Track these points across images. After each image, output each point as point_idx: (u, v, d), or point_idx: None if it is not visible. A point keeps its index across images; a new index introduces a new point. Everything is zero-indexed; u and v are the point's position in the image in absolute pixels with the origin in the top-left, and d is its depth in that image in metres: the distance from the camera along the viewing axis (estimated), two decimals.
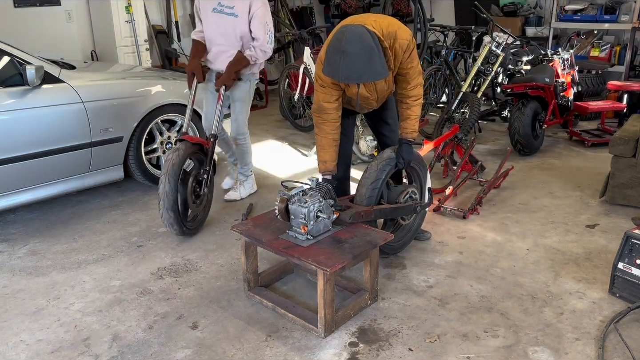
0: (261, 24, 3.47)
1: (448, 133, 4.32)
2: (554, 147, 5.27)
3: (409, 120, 2.90)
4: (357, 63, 2.44)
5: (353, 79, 2.49)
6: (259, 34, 3.48)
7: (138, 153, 3.96)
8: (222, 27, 3.50)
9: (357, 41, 2.44)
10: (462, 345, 2.35)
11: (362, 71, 2.46)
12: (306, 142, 5.56)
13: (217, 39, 3.55)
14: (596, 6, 6.79)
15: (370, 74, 2.49)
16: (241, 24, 3.47)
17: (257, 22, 3.46)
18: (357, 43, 2.44)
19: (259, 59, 3.56)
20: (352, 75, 2.47)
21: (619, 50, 6.77)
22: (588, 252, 3.16)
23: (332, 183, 2.83)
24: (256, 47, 3.51)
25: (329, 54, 2.53)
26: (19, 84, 3.33)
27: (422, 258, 3.12)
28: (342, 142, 3.00)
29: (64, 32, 5.95)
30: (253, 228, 2.64)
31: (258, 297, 2.68)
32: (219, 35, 3.53)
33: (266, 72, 7.34)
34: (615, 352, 2.28)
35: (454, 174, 4.10)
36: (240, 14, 3.45)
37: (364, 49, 2.44)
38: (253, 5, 3.44)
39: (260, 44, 3.50)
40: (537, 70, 5.14)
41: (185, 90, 4.22)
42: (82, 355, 2.32)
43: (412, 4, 7.73)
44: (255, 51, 3.51)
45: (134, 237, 3.44)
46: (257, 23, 3.47)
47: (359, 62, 2.44)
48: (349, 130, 3.14)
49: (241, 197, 4.01)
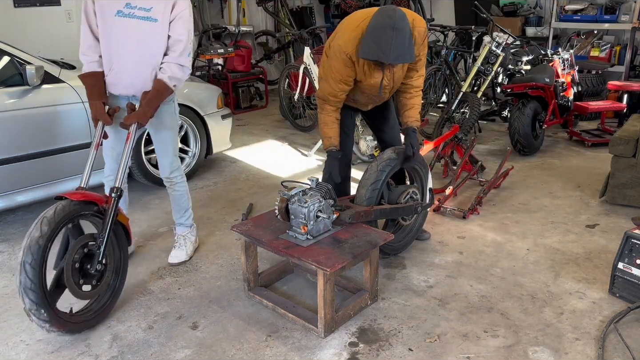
0: (185, 29, 2.65)
1: (448, 133, 4.32)
2: (554, 147, 5.27)
3: (412, 109, 2.94)
4: (404, 42, 2.48)
5: (400, 59, 2.52)
6: (178, 44, 2.64)
7: (138, 153, 3.96)
8: (133, 37, 2.61)
9: (405, 21, 2.49)
10: (462, 345, 2.35)
11: (406, 50, 2.51)
12: (306, 142, 5.56)
13: (123, 53, 2.64)
14: (596, 6, 6.79)
15: (409, 55, 2.55)
16: (161, 32, 2.63)
17: (181, 27, 2.63)
18: (406, 22, 2.49)
19: (181, 81, 2.72)
20: (400, 54, 2.49)
21: (619, 50, 6.77)
22: (588, 252, 3.16)
23: (338, 155, 2.87)
24: (170, 63, 2.65)
25: (375, 33, 2.49)
26: (19, 84, 3.33)
27: (422, 258, 3.12)
28: (343, 142, 3.00)
29: (64, 32, 5.94)
30: (253, 228, 2.64)
31: (258, 297, 2.68)
32: (126, 48, 2.63)
33: (266, 72, 7.34)
34: (615, 352, 2.28)
35: (454, 174, 4.10)
36: (160, 18, 2.60)
37: (409, 29, 2.51)
38: (178, 5, 2.61)
39: (177, 55, 2.65)
40: (537, 70, 5.14)
41: (186, 90, 4.23)
42: (82, 355, 2.32)
43: (412, 4, 7.73)
44: (172, 70, 2.65)
45: (134, 237, 3.43)
46: (182, 27, 2.64)
47: (405, 41, 2.48)
48: (349, 130, 3.14)
49: (189, 255, 3.14)
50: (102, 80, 2.69)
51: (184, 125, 4.28)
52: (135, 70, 2.66)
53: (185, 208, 3.14)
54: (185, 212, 3.15)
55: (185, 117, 4.23)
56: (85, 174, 2.57)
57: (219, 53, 6.49)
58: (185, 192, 3.12)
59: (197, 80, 4.71)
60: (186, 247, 3.14)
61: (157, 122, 2.85)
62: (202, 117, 4.35)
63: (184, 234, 3.17)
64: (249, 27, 8.11)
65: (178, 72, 2.67)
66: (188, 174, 4.38)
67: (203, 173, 4.64)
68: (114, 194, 2.50)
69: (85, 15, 2.64)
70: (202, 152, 4.41)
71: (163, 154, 2.97)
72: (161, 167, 3.02)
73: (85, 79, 2.69)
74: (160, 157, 2.99)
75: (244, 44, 7.15)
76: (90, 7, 2.62)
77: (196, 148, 4.38)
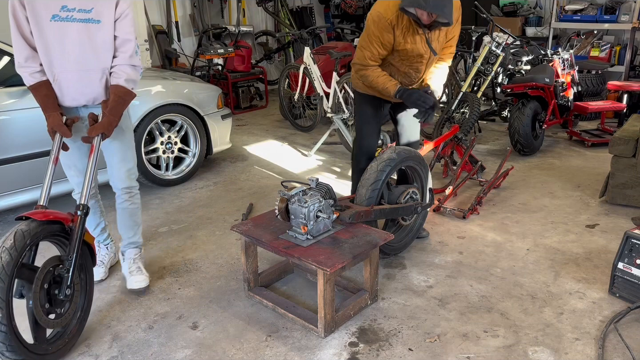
0: (133, 28, 2.48)
1: (448, 133, 4.32)
2: (554, 147, 5.27)
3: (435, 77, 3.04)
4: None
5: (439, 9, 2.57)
6: (128, 44, 2.47)
7: (138, 153, 3.96)
8: (74, 42, 2.38)
9: None
10: (462, 345, 2.35)
11: (445, 4, 2.57)
12: (306, 142, 5.56)
13: (65, 61, 2.39)
14: (596, 6, 6.79)
15: (448, 11, 2.61)
16: (106, 33, 2.43)
17: (128, 25, 2.46)
18: None
19: (137, 83, 2.55)
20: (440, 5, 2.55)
21: (619, 50, 6.77)
22: (588, 252, 3.16)
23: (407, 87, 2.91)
24: (123, 65, 2.47)
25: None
26: (19, 84, 3.33)
27: (422, 258, 3.12)
28: (369, 134, 3.11)
29: None
30: (253, 228, 2.65)
31: (258, 297, 2.68)
32: (68, 55, 2.39)
33: (266, 72, 7.34)
34: (615, 352, 2.28)
35: (454, 174, 4.10)
36: (103, 18, 2.40)
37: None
38: (122, 2, 2.42)
39: (128, 56, 2.47)
40: (537, 70, 5.14)
41: (186, 90, 4.23)
42: (82, 355, 2.32)
43: None
44: (126, 72, 2.47)
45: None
46: (129, 26, 2.46)
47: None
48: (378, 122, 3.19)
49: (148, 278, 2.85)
50: (51, 89, 2.44)
51: (184, 125, 4.29)
52: (83, 78, 2.45)
53: (139, 223, 2.88)
54: (138, 229, 2.88)
55: (185, 117, 4.23)
56: (44, 190, 2.31)
57: (219, 53, 6.49)
58: (139, 207, 2.85)
59: (197, 80, 4.71)
60: (143, 268, 2.84)
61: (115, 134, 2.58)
62: (202, 117, 4.35)
63: (135, 256, 2.85)
64: (249, 27, 8.11)
65: (133, 74, 2.50)
66: (188, 174, 4.40)
67: (203, 173, 4.64)
68: (80, 212, 2.29)
69: (15, 22, 2.31)
70: (202, 152, 4.42)
71: (123, 161, 2.70)
72: (119, 177, 2.72)
73: (37, 90, 2.41)
74: (120, 165, 2.70)
75: (244, 44, 7.15)
76: (20, 12, 2.30)
77: (196, 148, 4.39)
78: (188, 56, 7.22)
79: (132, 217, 2.81)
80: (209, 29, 7.27)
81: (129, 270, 2.82)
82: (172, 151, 4.26)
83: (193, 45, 7.48)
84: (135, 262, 2.83)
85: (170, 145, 4.23)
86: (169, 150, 4.23)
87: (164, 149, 4.20)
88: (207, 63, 6.72)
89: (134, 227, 2.84)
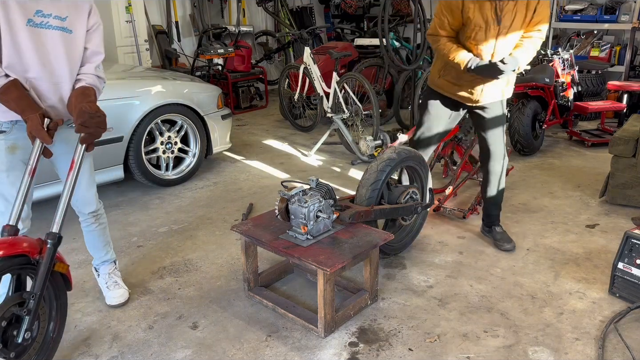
0: (101, 39, 2.36)
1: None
2: (554, 147, 5.27)
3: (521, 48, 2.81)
4: None
5: None
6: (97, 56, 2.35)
7: (138, 153, 3.96)
8: (48, 51, 2.20)
9: None
10: (462, 345, 2.35)
11: None
12: (306, 142, 5.56)
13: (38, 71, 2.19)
14: (596, 6, 6.79)
15: None
16: (78, 45, 2.28)
17: (98, 38, 2.34)
18: None
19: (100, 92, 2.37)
20: None
21: (619, 50, 6.77)
22: (588, 252, 3.16)
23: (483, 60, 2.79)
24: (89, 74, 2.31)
25: None
26: None
27: (422, 258, 3.12)
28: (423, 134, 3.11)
29: None
30: (253, 228, 2.65)
31: (258, 297, 2.68)
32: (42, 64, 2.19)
33: (266, 72, 7.35)
34: (615, 352, 2.28)
35: (454, 174, 4.10)
36: (75, 29, 2.24)
37: None
38: (93, 14, 2.29)
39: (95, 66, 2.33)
40: (537, 70, 5.14)
41: (186, 90, 4.23)
42: (82, 355, 2.32)
43: (412, 4, 7.73)
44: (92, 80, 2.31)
45: (134, 237, 3.44)
46: (99, 39, 2.35)
47: None
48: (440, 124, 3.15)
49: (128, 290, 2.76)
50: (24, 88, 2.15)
51: (184, 125, 4.29)
52: (56, 91, 2.25)
53: (109, 240, 2.75)
54: (110, 246, 2.75)
55: (185, 117, 4.23)
56: (15, 207, 2.07)
57: (219, 53, 6.49)
58: (106, 223, 2.71)
59: (197, 80, 4.71)
60: (120, 281, 2.75)
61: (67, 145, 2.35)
62: (202, 117, 4.35)
63: (111, 271, 2.75)
64: (249, 27, 8.12)
65: (98, 84, 2.34)
66: (188, 174, 4.40)
67: (203, 173, 4.64)
68: (50, 241, 2.01)
69: None
70: (202, 152, 4.42)
71: (89, 185, 2.52)
72: (88, 201, 2.54)
73: (7, 94, 2.09)
74: (89, 188, 2.52)
75: (244, 44, 7.16)
76: None
77: (196, 148, 4.39)
78: (188, 56, 7.23)
79: (101, 237, 2.69)
80: (209, 29, 7.28)
81: (106, 285, 2.71)
82: (172, 151, 4.26)
83: (193, 45, 7.48)
84: (111, 277, 2.74)
85: (170, 145, 4.23)
86: (169, 150, 4.23)
87: (164, 149, 4.20)
88: (207, 63, 6.72)
89: (105, 246, 2.73)
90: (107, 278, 2.73)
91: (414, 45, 5.46)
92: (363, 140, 4.79)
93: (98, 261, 2.75)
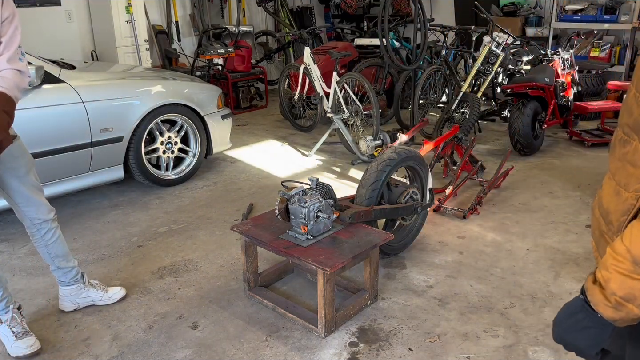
0: (17, 30, 2.10)
1: (448, 133, 4.32)
2: (554, 147, 5.27)
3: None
4: None
5: None
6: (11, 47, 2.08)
7: (138, 153, 3.96)
8: None
9: None
10: (462, 345, 2.35)
11: None
12: (306, 142, 5.56)
13: None
14: (596, 6, 6.79)
15: None
16: None
17: (13, 28, 2.09)
18: None
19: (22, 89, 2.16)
20: None
21: (619, 50, 6.77)
22: (588, 252, 3.16)
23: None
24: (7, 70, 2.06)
25: None
26: None
27: (422, 258, 3.12)
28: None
29: (64, 32, 5.95)
30: (253, 228, 2.65)
31: (258, 297, 2.68)
32: None
33: (266, 72, 7.34)
34: None
35: (454, 174, 4.10)
36: None
37: None
38: (7, 6, 2.07)
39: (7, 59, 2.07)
40: (537, 70, 5.14)
41: (186, 90, 4.23)
42: (82, 355, 2.32)
43: (412, 4, 7.73)
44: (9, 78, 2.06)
45: (134, 237, 3.44)
46: (15, 29, 2.09)
47: None
48: None
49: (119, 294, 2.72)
50: None
51: (184, 125, 4.29)
52: None
53: (66, 249, 2.55)
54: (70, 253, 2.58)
55: (186, 117, 4.23)
56: None
57: (219, 53, 6.49)
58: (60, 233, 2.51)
59: (197, 80, 4.71)
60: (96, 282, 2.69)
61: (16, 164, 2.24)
62: (202, 117, 4.35)
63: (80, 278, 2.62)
64: (249, 27, 8.11)
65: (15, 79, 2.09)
66: (188, 174, 4.40)
67: (203, 173, 4.64)
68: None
69: None
70: (202, 152, 4.42)
71: (39, 193, 2.37)
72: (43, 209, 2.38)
73: None
74: (39, 194, 2.38)
75: (244, 44, 7.15)
76: None
77: (196, 148, 4.38)
78: (188, 56, 7.23)
79: (63, 244, 2.51)
80: (209, 29, 7.27)
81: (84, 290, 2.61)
82: (172, 151, 4.26)
83: (193, 45, 7.48)
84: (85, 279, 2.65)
85: (170, 145, 4.23)
86: (169, 150, 4.23)
87: (164, 149, 4.20)
88: (207, 63, 6.72)
89: (68, 253, 2.55)
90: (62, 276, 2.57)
91: (414, 45, 5.45)
92: (363, 140, 4.79)
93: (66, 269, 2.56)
